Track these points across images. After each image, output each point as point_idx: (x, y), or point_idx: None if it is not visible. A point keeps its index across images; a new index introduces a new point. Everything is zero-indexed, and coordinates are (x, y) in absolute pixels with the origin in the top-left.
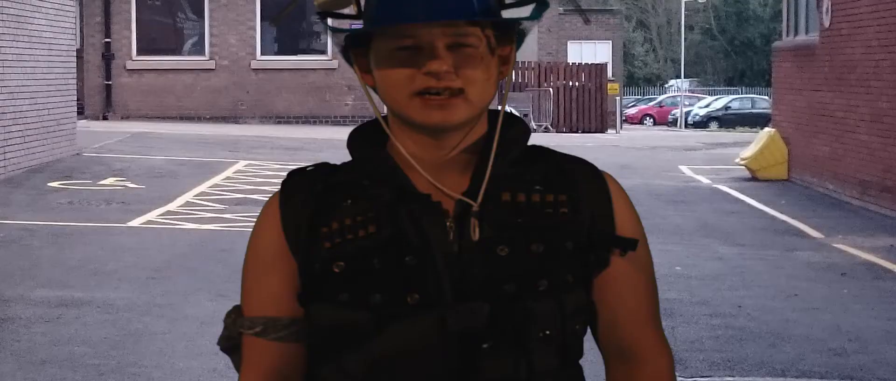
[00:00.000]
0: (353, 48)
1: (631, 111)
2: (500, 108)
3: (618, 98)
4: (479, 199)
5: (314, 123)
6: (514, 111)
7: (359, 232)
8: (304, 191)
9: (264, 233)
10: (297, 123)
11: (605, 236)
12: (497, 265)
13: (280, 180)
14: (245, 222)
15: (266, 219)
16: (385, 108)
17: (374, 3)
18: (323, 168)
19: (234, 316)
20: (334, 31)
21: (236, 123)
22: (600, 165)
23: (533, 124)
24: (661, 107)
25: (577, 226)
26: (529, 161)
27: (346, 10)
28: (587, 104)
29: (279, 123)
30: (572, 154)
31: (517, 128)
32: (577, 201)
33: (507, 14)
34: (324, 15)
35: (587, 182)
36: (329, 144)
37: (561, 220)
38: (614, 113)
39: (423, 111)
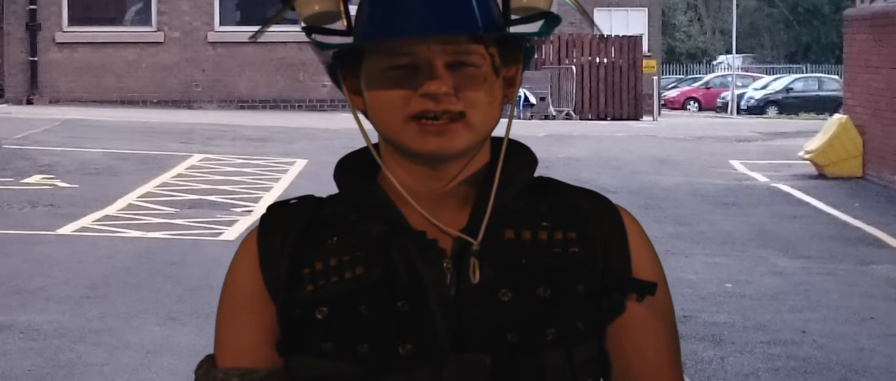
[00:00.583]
0: (342, 67)
1: (671, 94)
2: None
3: (655, 78)
4: (480, 236)
5: (285, 108)
6: (528, 95)
7: (345, 274)
8: (284, 226)
9: (239, 274)
10: (263, 108)
11: (620, 279)
12: (499, 311)
13: (242, 178)
14: (200, 228)
15: (241, 258)
16: (377, 134)
17: (365, 17)
18: (307, 201)
19: (206, 367)
20: (321, 46)
21: (190, 108)
22: (634, 158)
23: (551, 109)
24: (707, 88)
25: (588, 267)
26: (535, 194)
27: (336, 26)
28: (618, 85)
29: (242, 108)
30: (584, 187)
31: (522, 157)
32: (588, 239)
33: (514, 30)
34: (310, 30)
35: (600, 218)
36: (303, 133)
37: (571, 260)
38: (651, 96)
39: (419, 138)
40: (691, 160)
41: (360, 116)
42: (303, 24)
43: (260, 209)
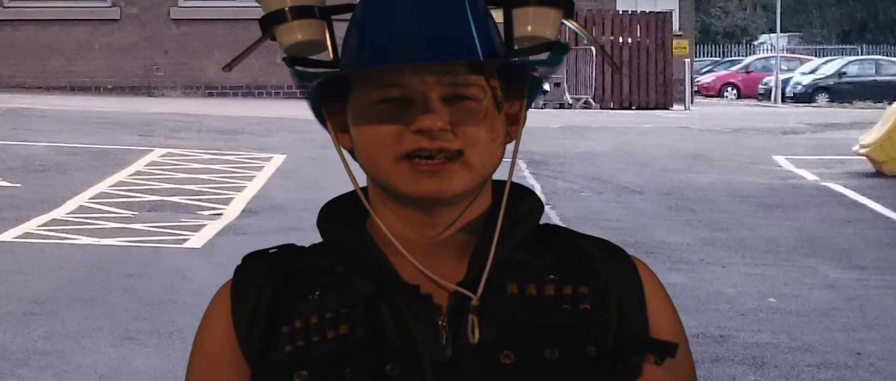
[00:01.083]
0: (327, 102)
1: (706, 79)
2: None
3: (687, 61)
4: (480, 291)
5: (260, 95)
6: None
7: (327, 333)
8: (261, 279)
9: (211, 331)
10: (235, 95)
11: (636, 339)
12: (501, 375)
13: (210, 176)
14: (162, 234)
15: (214, 313)
16: (365, 176)
17: (353, 46)
18: (287, 251)
19: None
20: (303, 77)
21: (150, 95)
22: (663, 153)
23: (567, 97)
24: (747, 73)
25: (601, 326)
26: (541, 243)
27: (321, 57)
28: (644, 69)
29: (210, 95)
30: (595, 236)
31: (527, 202)
32: (601, 295)
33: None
34: (292, 61)
35: (614, 270)
36: (281, 124)
37: (581, 319)
38: (682, 82)
39: (412, 179)
40: (729, 156)
41: (347, 156)
42: (283, 56)
43: (231, 212)
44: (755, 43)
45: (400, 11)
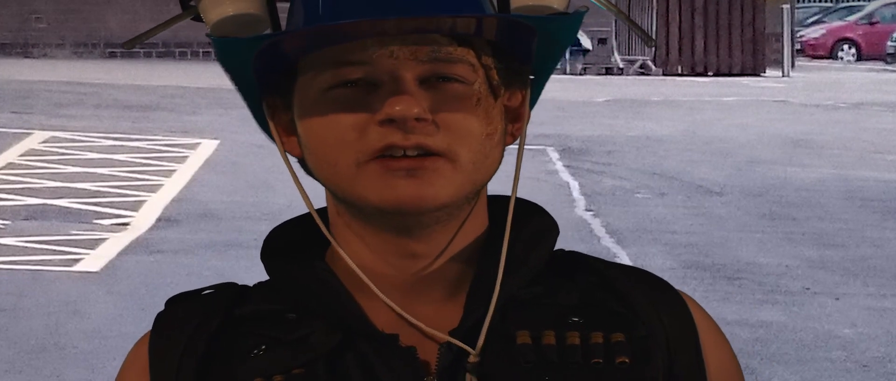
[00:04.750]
0: (268, 95)
1: (811, 33)
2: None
3: (786, 8)
4: (480, 342)
5: (183, 56)
6: (581, 36)
7: None
8: (188, 331)
9: None
10: (148, 56)
11: None
12: None
13: (113, 170)
14: (44, 252)
15: (128, 372)
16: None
17: (299, 9)
18: (224, 292)
19: None
20: (227, 45)
21: (28, 55)
22: (752, 138)
23: (617, 57)
24: (871, 25)
25: None
26: (560, 277)
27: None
28: (725, 19)
29: (112, 55)
30: (631, 266)
31: (538, 222)
32: (642, 344)
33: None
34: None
35: (657, 310)
36: (211, 97)
37: (617, 375)
38: (779, 38)
39: (383, 182)
40: (845, 142)
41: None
42: (207, 34)
43: (142, 221)
44: None
45: None
